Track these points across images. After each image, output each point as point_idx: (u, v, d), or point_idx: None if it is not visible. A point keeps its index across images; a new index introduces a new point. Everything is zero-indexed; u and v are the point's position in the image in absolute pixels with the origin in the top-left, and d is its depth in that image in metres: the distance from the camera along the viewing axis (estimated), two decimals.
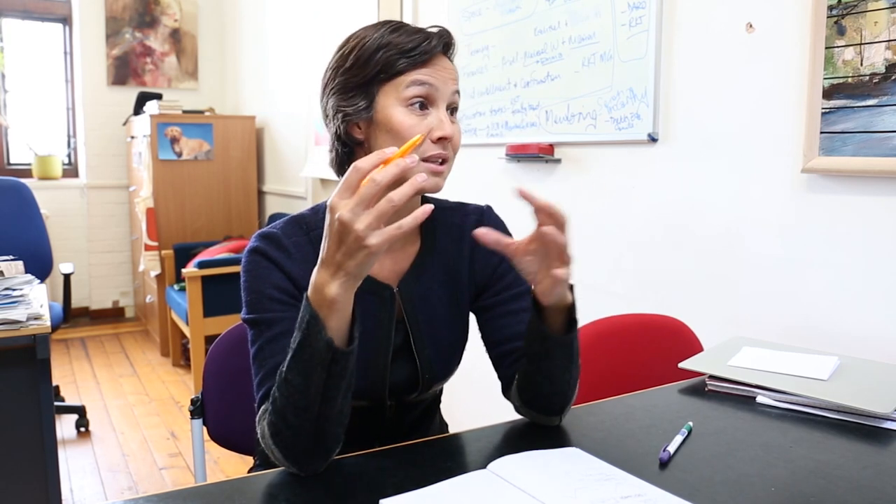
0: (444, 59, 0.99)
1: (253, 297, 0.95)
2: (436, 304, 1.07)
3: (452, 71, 0.99)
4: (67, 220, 4.87)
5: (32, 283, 1.96)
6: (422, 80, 0.95)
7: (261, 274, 0.96)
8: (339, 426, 0.87)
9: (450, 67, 0.99)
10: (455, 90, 0.99)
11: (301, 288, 0.97)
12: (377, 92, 0.96)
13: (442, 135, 0.94)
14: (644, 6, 1.82)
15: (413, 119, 0.95)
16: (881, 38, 1.33)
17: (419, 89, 0.95)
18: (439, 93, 0.96)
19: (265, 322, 0.93)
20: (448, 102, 0.98)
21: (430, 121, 0.95)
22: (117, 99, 4.90)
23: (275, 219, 4.16)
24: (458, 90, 1.00)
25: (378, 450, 0.95)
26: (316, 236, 1.00)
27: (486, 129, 2.42)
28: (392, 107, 0.95)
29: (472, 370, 1.18)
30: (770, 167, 1.56)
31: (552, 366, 0.96)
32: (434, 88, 0.96)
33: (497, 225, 1.12)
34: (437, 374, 1.09)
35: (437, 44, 0.97)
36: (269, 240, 0.98)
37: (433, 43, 0.96)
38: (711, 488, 0.83)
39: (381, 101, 0.96)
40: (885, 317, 1.37)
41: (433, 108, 0.96)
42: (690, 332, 1.52)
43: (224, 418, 1.31)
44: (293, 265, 0.97)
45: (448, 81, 0.97)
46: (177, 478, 2.66)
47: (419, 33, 0.97)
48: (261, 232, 0.99)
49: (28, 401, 1.65)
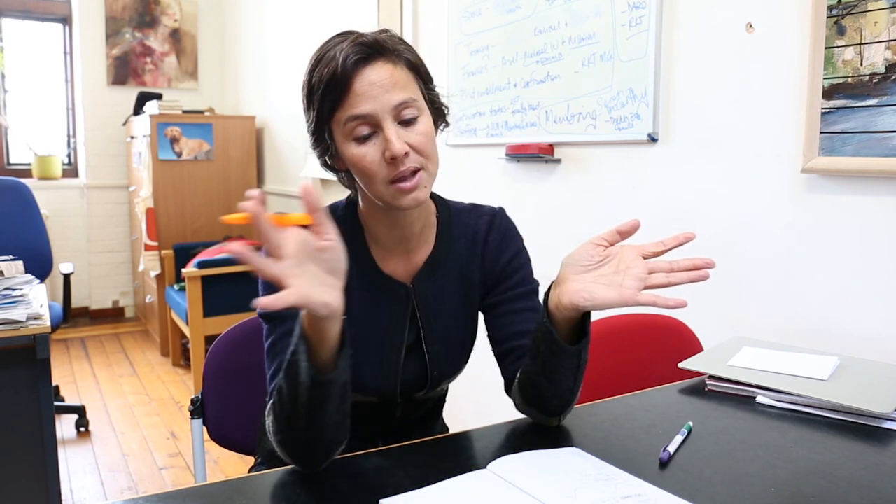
0: (373, 67, 0.92)
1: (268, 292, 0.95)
2: (447, 303, 1.08)
3: (386, 79, 0.91)
4: (67, 220, 4.87)
5: (32, 283, 1.96)
6: (352, 115, 0.91)
7: None
8: (335, 433, 0.86)
9: (380, 78, 0.91)
10: (398, 101, 0.92)
11: None
12: (330, 133, 0.96)
13: (391, 155, 0.91)
14: (644, 6, 1.82)
15: (364, 149, 0.93)
16: (881, 38, 1.33)
17: (353, 124, 0.92)
18: (377, 113, 0.91)
19: (279, 317, 0.94)
20: (394, 115, 0.92)
21: (381, 143, 0.92)
22: (117, 99, 4.90)
23: None
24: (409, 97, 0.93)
25: (378, 450, 0.95)
26: None
27: (486, 129, 2.42)
28: (343, 144, 0.95)
29: (473, 370, 1.18)
30: (770, 167, 1.56)
31: (556, 369, 0.94)
32: (367, 116, 0.91)
33: (508, 226, 1.12)
34: (446, 371, 1.10)
35: (352, 59, 0.90)
36: None
37: (348, 63, 0.90)
38: (711, 488, 0.83)
39: (336, 139, 0.96)
40: (885, 317, 1.37)
41: (379, 130, 0.92)
42: (690, 332, 1.52)
43: (224, 418, 1.31)
44: None
45: (382, 95, 0.91)
46: (177, 478, 2.65)
47: (335, 57, 0.91)
48: None
49: (28, 401, 1.65)
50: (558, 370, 0.94)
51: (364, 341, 1.04)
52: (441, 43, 2.62)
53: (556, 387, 0.96)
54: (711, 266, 0.86)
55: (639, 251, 0.89)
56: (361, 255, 1.03)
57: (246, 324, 1.36)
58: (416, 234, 1.05)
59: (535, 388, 0.98)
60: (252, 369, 1.28)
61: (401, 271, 1.06)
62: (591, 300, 0.86)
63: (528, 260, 1.12)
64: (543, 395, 0.98)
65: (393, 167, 0.93)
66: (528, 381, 0.99)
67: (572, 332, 0.93)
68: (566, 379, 0.95)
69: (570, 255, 0.91)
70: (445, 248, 1.08)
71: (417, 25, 2.82)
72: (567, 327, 0.92)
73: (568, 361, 0.93)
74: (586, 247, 0.90)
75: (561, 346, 0.91)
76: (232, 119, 4.52)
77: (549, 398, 0.98)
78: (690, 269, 0.87)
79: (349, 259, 1.01)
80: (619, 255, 0.89)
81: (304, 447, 0.85)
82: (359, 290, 1.03)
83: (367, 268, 1.04)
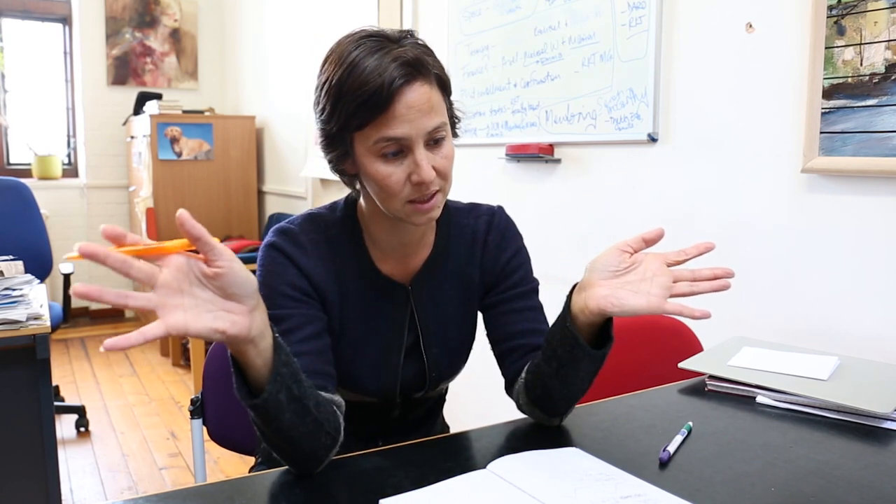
0: (413, 88, 0.88)
1: (266, 293, 0.95)
2: (446, 304, 1.08)
3: (424, 102, 0.89)
4: (67, 220, 4.86)
5: (32, 283, 1.96)
6: (386, 137, 0.88)
7: (276, 270, 0.96)
8: (313, 441, 0.84)
9: (419, 101, 0.88)
10: (433, 126, 0.90)
11: (315, 285, 0.98)
12: (351, 141, 0.93)
13: (420, 181, 0.90)
14: (644, 6, 1.82)
15: (390, 169, 0.90)
16: (881, 38, 1.33)
17: (386, 144, 0.89)
18: (411, 138, 0.89)
19: (276, 318, 0.93)
20: (426, 139, 0.91)
21: (408, 165, 0.90)
22: (117, 99, 4.90)
23: (274, 219, 4.16)
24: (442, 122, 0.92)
25: (378, 450, 0.95)
26: (332, 235, 1.01)
27: (486, 129, 2.42)
28: (365, 156, 0.91)
29: (473, 370, 1.18)
30: (770, 167, 1.56)
31: (574, 373, 0.93)
32: (402, 139, 0.89)
33: (507, 226, 1.12)
34: (444, 372, 1.10)
35: (398, 82, 0.87)
36: (286, 236, 0.98)
37: (394, 85, 0.86)
38: (711, 488, 0.83)
39: (357, 149, 0.92)
40: (885, 317, 1.37)
41: (409, 152, 0.90)
42: (690, 332, 1.52)
43: (224, 418, 1.31)
44: (309, 262, 0.98)
45: (419, 119, 0.89)
46: (177, 478, 2.65)
47: (376, 74, 0.86)
48: (278, 227, 1.00)
49: (28, 401, 1.65)
50: (576, 373, 0.93)
51: (362, 342, 1.04)
52: (441, 43, 2.61)
53: (568, 389, 0.96)
54: (731, 276, 0.87)
55: (663, 259, 0.89)
56: (360, 256, 1.03)
57: None
58: (417, 239, 1.05)
59: (546, 390, 0.97)
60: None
61: (399, 272, 1.05)
62: (619, 306, 0.86)
63: (527, 259, 1.12)
64: (553, 397, 0.97)
65: (417, 190, 0.91)
66: (539, 382, 0.98)
67: (591, 336, 0.92)
68: (581, 382, 0.95)
69: (595, 259, 0.91)
70: (444, 250, 1.08)
71: (417, 25, 2.82)
72: (588, 331, 0.91)
73: (588, 365, 0.93)
74: (612, 252, 0.90)
75: (585, 350, 0.91)
76: (232, 119, 4.52)
77: (558, 400, 0.97)
78: (712, 278, 0.88)
79: (347, 259, 1.02)
80: (644, 263, 0.89)
81: (288, 456, 0.85)
82: (357, 291, 1.02)
83: (366, 268, 1.03)
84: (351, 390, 1.05)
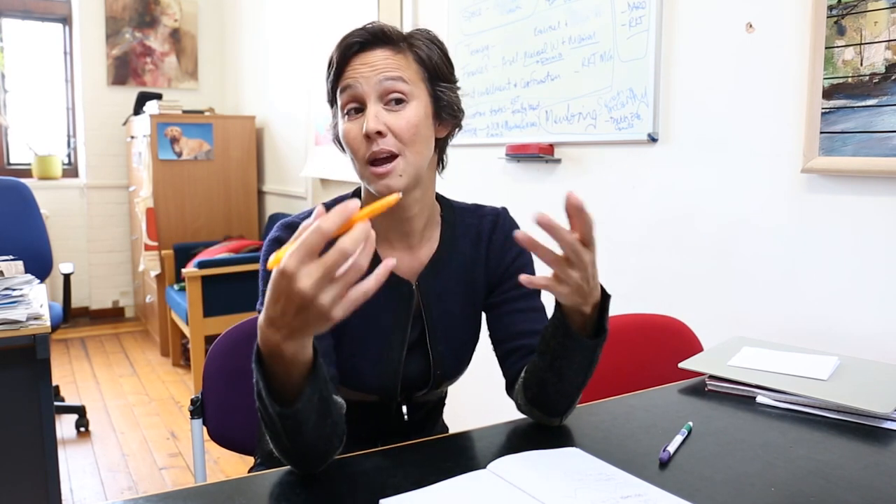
0: (372, 52, 0.96)
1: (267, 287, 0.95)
2: (452, 302, 1.08)
3: (378, 61, 0.95)
4: (67, 220, 4.87)
5: (32, 283, 1.96)
6: (344, 86, 0.96)
7: None
8: (326, 443, 0.83)
9: (373, 59, 0.96)
10: (385, 77, 0.95)
11: None
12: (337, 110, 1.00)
13: (365, 132, 0.94)
14: (644, 6, 1.82)
15: (350, 124, 0.97)
16: (881, 38, 1.33)
17: (345, 96, 0.96)
18: (363, 89, 0.95)
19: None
20: (378, 93, 0.95)
21: (364, 121, 0.95)
22: (117, 99, 4.90)
23: (275, 219, 4.16)
24: (397, 76, 0.95)
25: (378, 450, 0.94)
26: None
27: (486, 129, 2.42)
28: (340, 119, 0.99)
29: (473, 370, 1.18)
30: (770, 167, 1.56)
31: (568, 365, 0.93)
32: (356, 89, 0.95)
33: (512, 227, 1.12)
34: (448, 370, 1.10)
35: (357, 46, 0.96)
36: (290, 229, 0.99)
37: (352, 42, 0.96)
38: (711, 488, 0.83)
39: (338, 116, 1.00)
40: (885, 317, 1.37)
41: (365, 108, 0.96)
42: (690, 332, 1.52)
43: (224, 418, 1.31)
44: None
45: (372, 75, 0.95)
46: (177, 478, 2.65)
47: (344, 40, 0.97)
48: (283, 221, 1.01)
49: (28, 401, 1.65)
50: (570, 366, 0.93)
51: (363, 337, 1.04)
52: None
53: (563, 384, 0.95)
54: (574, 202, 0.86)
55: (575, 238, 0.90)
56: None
57: (246, 324, 1.36)
58: (419, 231, 1.05)
59: (541, 386, 0.97)
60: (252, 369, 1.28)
61: (404, 268, 1.06)
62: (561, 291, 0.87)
63: (531, 260, 1.12)
64: (549, 393, 0.97)
65: (369, 145, 0.95)
66: (534, 378, 0.98)
67: (585, 328, 0.92)
68: (575, 376, 0.95)
69: None
70: (450, 248, 1.08)
71: (417, 25, 2.82)
72: (581, 323, 0.91)
73: (581, 357, 0.93)
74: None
75: (577, 341, 0.91)
76: (232, 119, 4.52)
77: (554, 396, 0.97)
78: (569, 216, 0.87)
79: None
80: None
81: (297, 458, 0.84)
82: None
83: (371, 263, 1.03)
84: (351, 388, 1.05)
